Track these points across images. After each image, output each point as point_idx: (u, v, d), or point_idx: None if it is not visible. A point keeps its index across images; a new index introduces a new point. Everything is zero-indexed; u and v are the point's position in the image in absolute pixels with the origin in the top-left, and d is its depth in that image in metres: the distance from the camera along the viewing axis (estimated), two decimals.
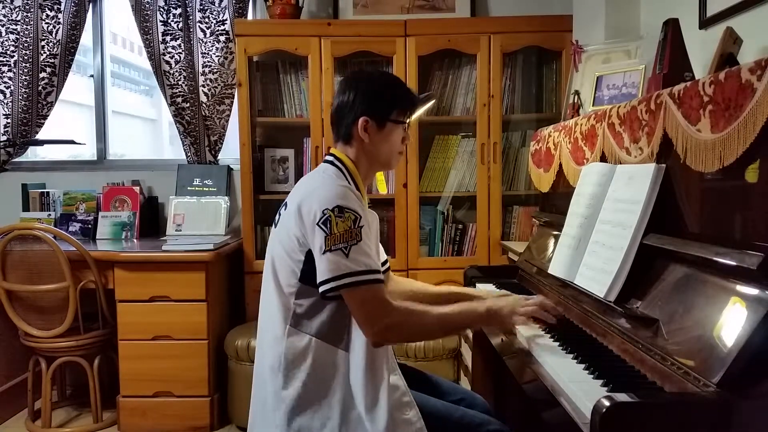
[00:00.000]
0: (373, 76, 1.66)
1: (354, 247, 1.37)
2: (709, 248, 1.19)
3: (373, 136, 1.54)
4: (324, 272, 1.37)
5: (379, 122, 1.54)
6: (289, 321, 1.44)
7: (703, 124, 1.22)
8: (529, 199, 3.12)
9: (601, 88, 2.13)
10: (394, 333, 1.42)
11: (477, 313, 1.52)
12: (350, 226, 1.37)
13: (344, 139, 1.56)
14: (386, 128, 1.55)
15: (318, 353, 1.43)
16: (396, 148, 1.59)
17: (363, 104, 1.52)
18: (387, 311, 1.39)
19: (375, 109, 1.53)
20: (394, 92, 1.58)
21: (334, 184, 1.45)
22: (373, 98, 1.54)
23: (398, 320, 1.41)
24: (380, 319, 1.38)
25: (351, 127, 1.53)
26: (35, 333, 2.73)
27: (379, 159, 1.58)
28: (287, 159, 3.20)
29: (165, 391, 2.77)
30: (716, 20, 1.87)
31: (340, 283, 1.37)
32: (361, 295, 1.38)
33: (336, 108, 1.57)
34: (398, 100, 1.57)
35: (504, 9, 3.25)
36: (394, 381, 1.44)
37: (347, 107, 1.53)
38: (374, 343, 1.40)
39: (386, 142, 1.56)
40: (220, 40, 3.27)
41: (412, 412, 1.43)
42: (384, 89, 1.57)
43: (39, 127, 3.39)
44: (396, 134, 1.57)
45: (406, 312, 1.44)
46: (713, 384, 1.02)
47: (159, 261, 2.72)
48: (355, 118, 1.52)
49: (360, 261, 1.37)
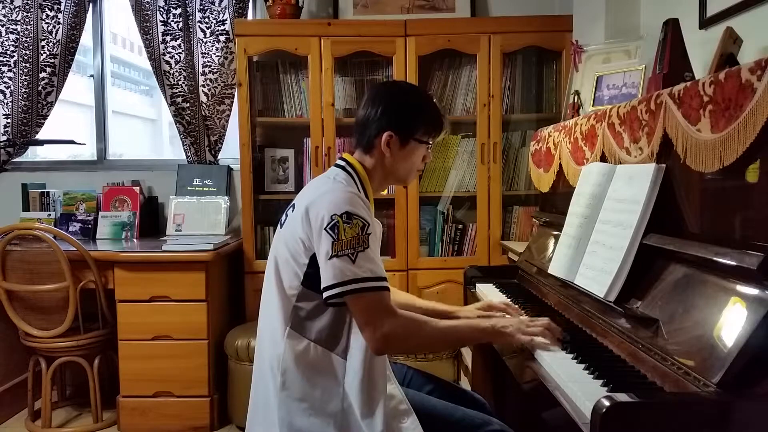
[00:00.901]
0: (404, 91, 1.64)
1: (361, 254, 1.36)
2: (709, 248, 1.19)
3: (395, 152, 1.53)
4: (329, 278, 1.36)
5: (403, 139, 1.53)
6: (289, 323, 1.43)
7: (703, 124, 1.22)
8: (529, 199, 3.12)
9: (601, 88, 2.13)
10: (397, 341, 1.41)
11: (482, 329, 1.51)
12: (358, 232, 1.37)
13: (365, 148, 1.55)
14: (409, 146, 1.54)
15: (316, 358, 1.42)
16: (415, 165, 1.59)
17: (389, 118, 1.52)
18: (391, 319, 1.38)
19: (401, 126, 1.52)
20: (423, 111, 1.57)
21: (344, 190, 1.44)
22: (401, 114, 1.53)
23: (402, 329, 1.40)
24: (384, 327, 1.37)
25: (374, 139, 1.53)
26: (35, 333, 2.73)
27: (395, 174, 1.58)
28: (287, 159, 3.20)
29: (165, 391, 2.77)
30: (716, 20, 1.87)
31: (346, 289, 1.35)
32: (366, 302, 1.37)
33: (362, 116, 1.56)
34: (426, 120, 1.56)
35: (504, 9, 3.25)
36: (390, 390, 1.44)
37: (373, 118, 1.52)
38: (376, 350, 1.38)
39: (407, 159, 1.56)
40: (220, 40, 3.27)
41: (409, 420, 1.43)
42: (413, 107, 1.56)
43: (39, 127, 3.39)
44: (418, 153, 1.57)
45: (411, 322, 1.43)
46: (713, 384, 1.02)
47: (159, 261, 2.72)
48: (380, 131, 1.52)
49: (366, 267, 1.36)
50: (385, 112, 1.52)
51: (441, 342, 1.54)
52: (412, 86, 1.77)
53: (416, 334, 1.43)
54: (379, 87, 1.64)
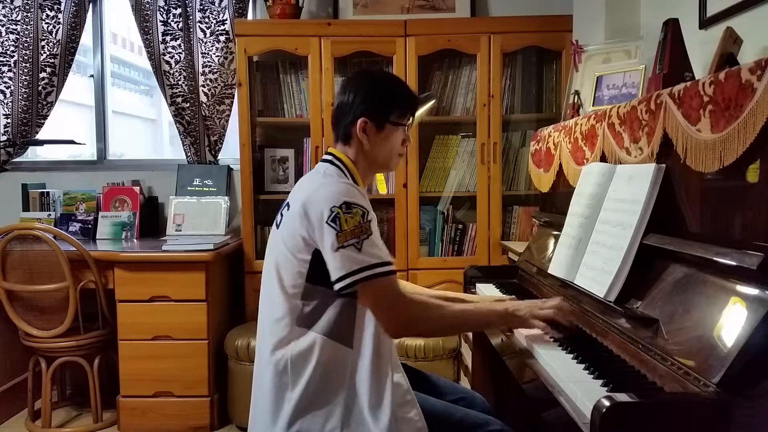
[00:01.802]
0: (374, 77, 1.65)
1: (366, 241, 1.37)
2: (709, 248, 1.19)
3: (372, 138, 1.53)
4: (338, 269, 1.36)
5: (378, 123, 1.53)
6: (295, 321, 1.43)
7: (703, 124, 1.22)
8: (529, 199, 3.12)
9: (601, 88, 2.13)
10: (414, 324, 1.44)
11: (495, 312, 1.53)
12: (359, 221, 1.37)
13: (343, 139, 1.56)
14: (385, 130, 1.54)
15: (324, 352, 1.42)
16: (395, 150, 1.58)
17: (362, 105, 1.51)
18: (405, 302, 1.41)
19: (374, 110, 1.52)
20: (394, 93, 1.56)
21: (338, 181, 1.45)
22: (372, 99, 1.53)
23: (417, 312, 1.43)
24: (400, 312, 1.40)
25: (350, 128, 1.53)
26: (35, 333, 2.73)
27: (377, 160, 1.57)
28: (287, 159, 3.20)
29: (165, 391, 2.77)
30: (716, 20, 1.87)
31: (357, 278, 1.36)
32: (378, 287, 1.38)
33: (336, 108, 1.57)
34: (398, 102, 1.55)
35: (504, 9, 3.25)
36: (397, 379, 1.44)
37: (347, 107, 1.53)
38: (394, 333, 1.41)
39: (385, 143, 1.55)
40: (220, 40, 3.27)
41: (413, 411, 1.43)
42: (383, 90, 1.56)
43: (39, 127, 3.39)
44: (395, 136, 1.56)
45: (426, 305, 1.46)
46: (713, 384, 1.02)
47: (159, 261, 2.72)
48: (354, 119, 1.51)
49: (373, 254, 1.37)
50: (356, 99, 1.52)
51: (456, 324, 1.55)
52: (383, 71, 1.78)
53: (432, 317, 1.45)
54: (350, 77, 1.64)
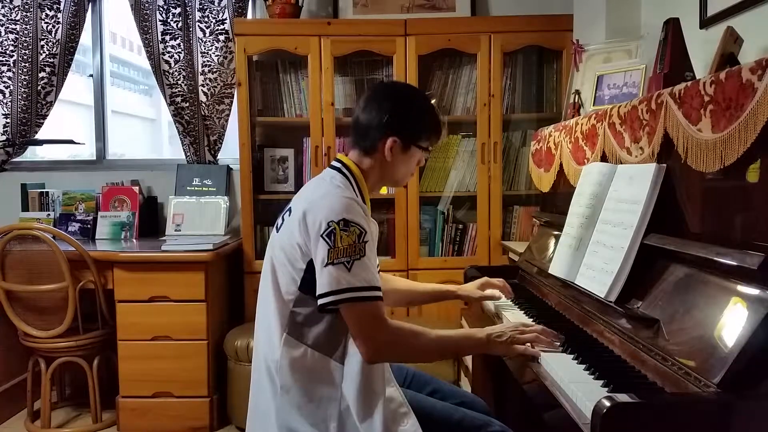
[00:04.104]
0: (409, 97, 1.62)
1: (357, 262, 1.35)
2: (709, 248, 1.19)
3: (396, 156, 1.54)
4: (324, 285, 1.35)
5: (406, 145, 1.54)
6: (286, 329, 1.42)
7: (704, 123, 1.22)
8: (529, 199, 3.12)
9: (602, 88, 2.13)
10: (390, 352, 1.42)
11: (476, 339, 1.50)
12: (355, 240, 1.36)
13: (365, 150, 1.55)
14: (410, 151, 1.56)
15: (313, 363, 1.41)
16: (411, 169, 1.61)
17: (394, 124, 1.52)
18: (384, 330, 1.38)
19: (405, 132, 1.53)
20: (427, 120, 1.58)
21: (341, 195, 1.42)
22: (407, 121, 1.54)
23: (395, 339, 1.39)
24: (377, 337, 1.37)
25: (377, 143, 1.53)
26: (34, 333, 2.72)
27: (393, 177, 1.59)
28: (287, 159, 3.20)
29: (164, 392, 2.77)
30: (717, 20, 1.87)
31: (340, 298, 1.35)
32: (359, 312, 1.36)
33: (365, 119, 1.55)
34: (429, 128, 1.58)
35: (504, 8, 3.25)
36: (390, 393, 1.43)
37: (377, 122, 1.52)
38: (368, 359, 1.38)
39: (406, 164, 1.57)
40: (220, 39, 3.27)
41: (409, 423, 1.42)
42: (418, 114, 1.57)
43: (38, 126, 3.39)
44: (416, 157, 1.59)
45: (404, 332, 1.42)
46: (714, 384, 1.02)
47: (158, 261, 2.72)
48: (384, 136, 1.52)
49: (361, 277, 1.35)
50: (390, 117, 1.51)
51: (434, 353, 1.53)
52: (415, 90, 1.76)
53: (409, 345, 1.43)
54: (381, 88, 1.63)
